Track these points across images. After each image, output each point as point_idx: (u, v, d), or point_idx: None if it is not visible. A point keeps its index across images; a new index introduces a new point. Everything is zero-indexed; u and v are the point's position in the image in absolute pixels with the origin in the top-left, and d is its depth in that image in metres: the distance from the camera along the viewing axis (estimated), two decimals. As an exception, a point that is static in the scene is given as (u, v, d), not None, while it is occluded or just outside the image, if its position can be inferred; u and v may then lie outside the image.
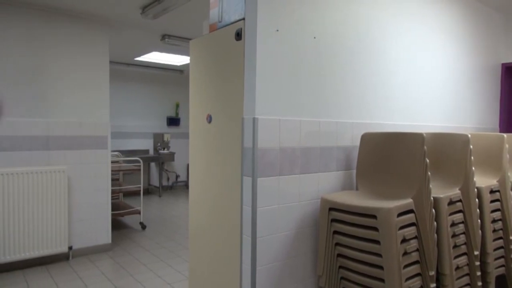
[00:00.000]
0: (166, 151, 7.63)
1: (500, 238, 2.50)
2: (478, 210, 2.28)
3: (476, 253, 2.23)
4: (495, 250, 2.45)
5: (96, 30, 3.95)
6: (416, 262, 1.92)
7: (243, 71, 2.01)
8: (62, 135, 3.76)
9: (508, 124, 3.88)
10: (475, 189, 2.27)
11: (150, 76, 7.81)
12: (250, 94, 1.96)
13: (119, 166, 5.26)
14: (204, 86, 2.36)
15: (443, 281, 2.06)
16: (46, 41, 3.66)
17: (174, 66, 7.08)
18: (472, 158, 2.31)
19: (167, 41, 4.67)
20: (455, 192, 2.16)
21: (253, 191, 1.94)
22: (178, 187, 8.38)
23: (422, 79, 2.84)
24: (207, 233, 2.35)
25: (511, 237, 2.52)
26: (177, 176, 8.32)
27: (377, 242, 1.83)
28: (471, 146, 2.25)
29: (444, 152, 2.37)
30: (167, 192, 7.88)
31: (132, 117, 7.62)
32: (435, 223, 2.01)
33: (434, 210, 2.01)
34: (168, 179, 8.18)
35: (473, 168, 2.25)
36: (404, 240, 1.85)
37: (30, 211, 3.48)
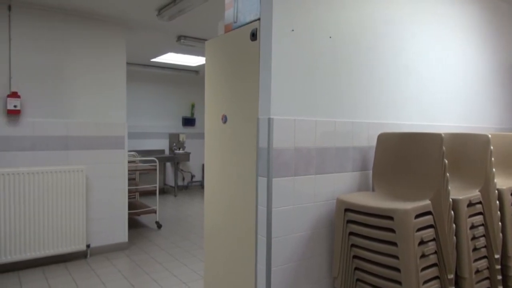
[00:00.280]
0: (181, 151, 7.70)
1: (522, 241, 2.43)
2: (499, 212, 2.23)
3: (496, 256, 2.18)
4: (517, 253, 2.39)
5: (113, 32, 4.02)
6: (434, 265, 1.89)
7: (258, 71, 2.01)
8: (80, 135, 3.83)
9: (530, 124, 3.77)
10: (496, 190, 2.22)
11: (165, 76, 7.89)
12: (265, 94, 1.96)
13: (136, 166, 5.33)
14: (219, 86, 2.37)
15: (462, 284, 2.02)
16: (66, 43, 3.74)
17: (189, 66, 7.14)
18: (493, 159, 2.25)
19: (183, 42, 4.71)
20: (474, 193, 2.11)
21: (268, 192, 1.94)
22: (193, 187, 8.44)
23: (440, 78, 2.79)
24: (222, 233, 2.36)
25: (534, 240, 2.45)
26: (192, 176, 8.38)
27: (394, 244, 1.81)
28: (492, 147, 2.20)
29: (463, 152, 2.32)
30: (182, 192, 7.95)
31: (148, 117, 7.71)
32: (454, 225, 1.97)
33: (453, 212, 1.97)
34: (183, 179, 8.25)
35: (493, 169, 2.20)
36: (421, 242, 1.81)
37: (50, 210, 3.56)
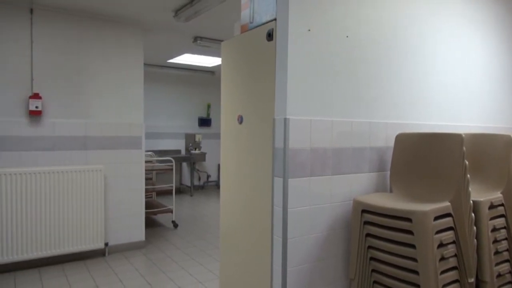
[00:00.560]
0: (197, 151, 7.75)
1: (546, 245, 2.36)
2: (522, 215, 2.17)
3: (519, 260, 2.12)
4: (541, 257, 2.31)
5: (131, 34, 4.08)
6: (454, 268, 1.85)
7: (274, 71, 2.01)
8: (99, 135, 3.90)
9: (555, 124, 3.65)
10: (519, 192, 2.16)
11: (182, 77, 7.97)
12: (281, 94, 1.95)
13: (152, 166, 5.40)
14: (235, 87, 2.38)
15: (483, 288, 1.97)
16: (85, 45, 3.81)
17: (205, 67, 7.19)
18: (515, 160, 2.19)
19: (199, 43, 4.74)
20: (496, 195, 2.06)
21: (284, 192, 1.93)
22: (209, 186, 8.49)
23: (460, 77, 2.73)
24: (238, 233, 2.36)
25: (559, 244, 2.37)
26: (208, 176, 8.43)
27: (412, 246, 1.78)
28: (514, 148, 2.13)
29: (484, 153, 2.27)
30: (198, 191, 8.00)
31: (164, 117, 7.80)
32: (475, 228, 1.93)
33: (473, 214, 1.92)
34: (199, 179, 8.31)
35: (516, 170, 2.14)
36: (441, 245, 1.78)
37: (69, 209, 3.64)
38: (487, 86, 2.95)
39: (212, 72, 7.73)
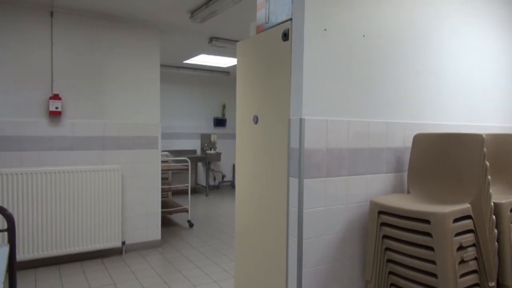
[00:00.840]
0: (212, 151, 7.80)
1: None
2: (546, 217, 2.10)
3: (543, 264, 2.05)
4: None
5: (148, 36, 4.13)
6: (474, 271, 1.81)
7: (290, 71, 2.00)
8: (116, 135, 3.96)
9: None
10: (542, 195, 2.10)
11: (197, 78, 8.02)
12: (297, 94, 1.94)
13: (168, 166, 5.45)
14: (250, 87, 2.38)
15: (505, 293, 1.92)
16: (103, 47, 3.88)
17: (220, 68, 7.22)
18: (539, 161, 2.13)
19: (215, 43, 4.77)
20: (518, 197, 2.00)
21: (299, 192, 1.93)
22: (224, 186, 8.52)
23: (481, 77, 2.67)
24: (253, 233, 2.37)
25: None
26: (223, 176, 8.47)
27: (430, 248, 1.74)
28: (538, 148, 2.08)
29: (506, 154, 2.21)
30: (214, 191, 8.05)
31: (180, 118, 7.87)
32: (496, 231, 1.88)
33: (494, 217, 1.87)
34: (214, 179, 8.35)
35: (539, 172, 2.08)
36: (460, 248, 1.74)
37: (88, 207, 3.71)
38: (509, 85, 2.88)
39: (227, 72, 7.77)
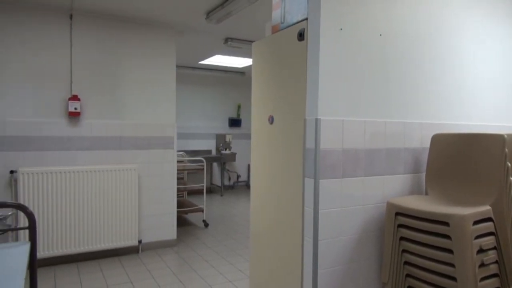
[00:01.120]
0: (227, 151, 7.82)
1: None
2: None
3: None
4: None
5: (164, 37, 4.17)
6: (495, 275, 1.76)
7: (305, 71, 1.99)
8: (133, 135, 4.02)
9: None
10: None
11: (212, 78, 8.07)
12: (313, 94, 1.93)
13: (184, 166, 5.49)
14: (266, 87, 2.38)
15: (527, 298, 1.86)
16: (120, 49, 3.94)
17: (236, 68, 7.24)
18: None
19: (230, 44, 4.79)
20: (542, 200, 1.94)
21: (315, 193, 1.92)
22: (239, 186, 8.54)
23: (500, 76, 2.60)
24: (268, 234, 2.36)
25: None
26: (238, 176, 8.49)
27: (449, 251, 1.71)
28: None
29: (528, 155, 2.14)
30: (229, 191, 8.07)
31: (195, 118, 7.93)
32: (518, 234, 1.83)
33: (516, 219, 1.82)
34: (229, 179, 8.38)
35: None
36: (480, 251, 1.70)
37: (106, 206, 3.77)
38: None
39: (242, 72, 7.78)
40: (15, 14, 3.46)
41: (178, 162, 5.62)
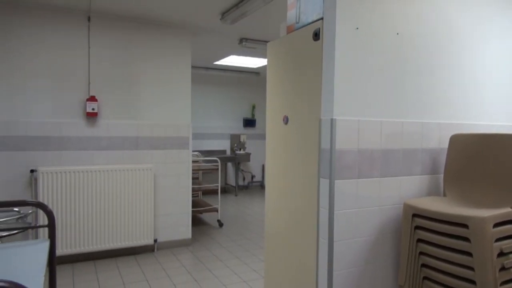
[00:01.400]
0: (242, 151, 7.84)
1: None
2: None
3: None
4: None
5: (180, 38, 4.21)
6: (516, 279, 1.72)
7: (321, 71, 1.98)
8: (149, 135, 4.07)
9: None
10: None
11: (227, 79, 8.10)
12: (328, 94, 1.92)
13: (199, 166, 5.53)
14: (281, 87, 2.38)
15: (550, 303, 1.81)
16: (137, 50, 3.99)
17: (250, 68, 7.25)
18: None
19: (245, 44, 4.80)
20: None
21: (330, 194, 1.90)
22: (254, 187, 8.55)
23: (523, 74, 2.54)
24: (283, 234, 2.36)
25: None
26: (252, 176, 8.50)
27: (468, 254, 1.67)
28: None
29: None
30: (243, 191, 8.09)
31: (210, 118, 7.97)
32: (540, 237, 1.78)
33: (539, 222, 1.77)
34: (244, 179, 8.40)
35: None
36: (501, 254, 1.66)
37: (122, 205, 3.83)
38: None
39: (257, 73, 7.79)
40: (36, 17, 3.54)
41: (193, 162, 5.66)
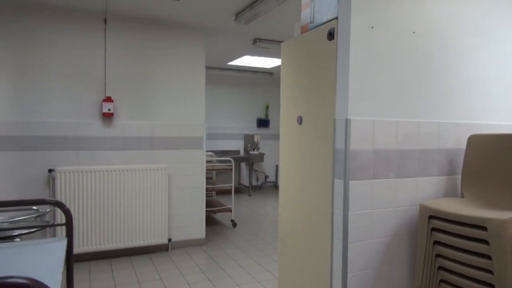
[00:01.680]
0: (256, 151, 7.84)
1: None
2: None
3: None
4: None
5: (194, 39, 4.24)
6: (537, 283, 1.67)
7: (335, 71, 1.97)
8: (164, 136, 4.11)
9: None
10: None
11: (241, 79, 8.12)
12: (343, 94, 1.91)
13: (213, 166, 5.55)
14: (295, 87, 2.37)
15: None
16: (152, 51, 4.04)
17: (264, 68, 7.25)
18: None
19: (259, 44, 4.80)
20: None
21: (344, 194, 1.89)
22: (267, 187, 8.54)
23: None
24: (296, 235, 2.35)
25: None
26: (266, 177, 8.49)
27: (487, 257, 1.64)
28: None
29: None
30: (256, 191, 8.09)
31: (224, 118, 8.00)
32: None
33: (561, 225, 1.72)
34: (257, 179, 8.40)
35: None
36: (521, 257, 1.62)
37: (137, 204, 3.87)
38: None
39: (271, 73, 7.78)
40: (54, 20, 3.61)
41: (207, 162, 5.68)
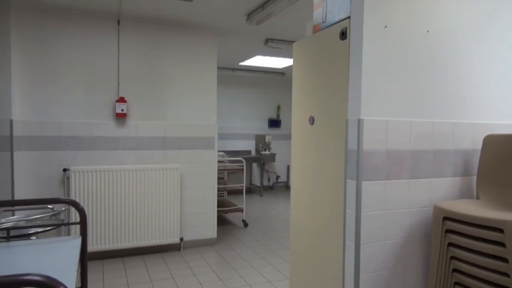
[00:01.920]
0: (267, 152, 7.84)
1: None
2: None
3: None
4: None
5: (206, 40, 4.26)
6: (556, 287, 1.63)
7: (347, 71, 1.95)
8: (176, 136, 4.14)
9: None
10: None
11: (252, 79, 8.12)
12: (355, 94, 1.89)
13: (224, 166, 5.57)
14: (307, 87, 2.36)
15: None
16: (164, 52, 4.07)
17: (276, 69, 7.24)
18: None
19: (270, 44, 4.79)
20: None
21: (357, 195, 1.87)
22: (278, 187, 8.53)
23: None
24: (308, 235, 2.34)
25: None
26: (277, 177, 8.48)
27: (503, 259, 1.60)
28: None
29: None
30: (268, 192, 8.09)
31: (235, 119, 8.02)
32: None
33: None
34: (268, 179, 8.39)
35: None
36: (539, 260, 1.58)
37: (150, 204, 3.91)
38: None
39: (282, 73, 7.77)
40: (68, 22, 3.67)
41: (218, 162, 5.71)
